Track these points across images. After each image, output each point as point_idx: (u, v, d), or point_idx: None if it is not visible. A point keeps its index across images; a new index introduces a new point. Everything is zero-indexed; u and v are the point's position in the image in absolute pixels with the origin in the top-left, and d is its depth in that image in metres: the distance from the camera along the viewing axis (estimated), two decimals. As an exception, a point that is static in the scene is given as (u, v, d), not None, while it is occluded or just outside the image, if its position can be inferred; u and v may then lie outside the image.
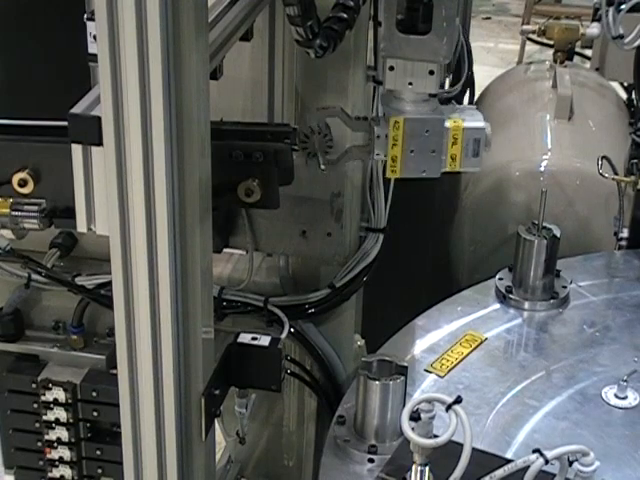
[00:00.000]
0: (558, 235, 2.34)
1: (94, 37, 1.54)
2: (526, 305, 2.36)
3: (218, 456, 2.33)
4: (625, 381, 2.06)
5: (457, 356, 2.15)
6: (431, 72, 1.78)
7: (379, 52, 1.80)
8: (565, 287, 2.40)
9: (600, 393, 2.07)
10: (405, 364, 1.93)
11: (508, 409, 2.02)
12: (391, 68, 1.78)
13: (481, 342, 2.20)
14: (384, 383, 1.89)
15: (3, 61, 2.54)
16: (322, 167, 1.97)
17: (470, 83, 3.42)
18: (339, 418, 2.01)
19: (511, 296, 2.37)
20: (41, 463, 2.24)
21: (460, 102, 3.40)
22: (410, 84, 1.80)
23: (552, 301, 2.36)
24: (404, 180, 1.93)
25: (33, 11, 2.53)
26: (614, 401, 2.05)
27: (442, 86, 2.78)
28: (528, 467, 1.49)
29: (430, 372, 2.10)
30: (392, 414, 1.92)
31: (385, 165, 1.91)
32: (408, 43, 1.75)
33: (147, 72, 1.50)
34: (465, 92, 3.40)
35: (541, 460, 1.49)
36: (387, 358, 1.94)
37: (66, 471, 2.23)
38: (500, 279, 2.40)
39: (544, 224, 2.34)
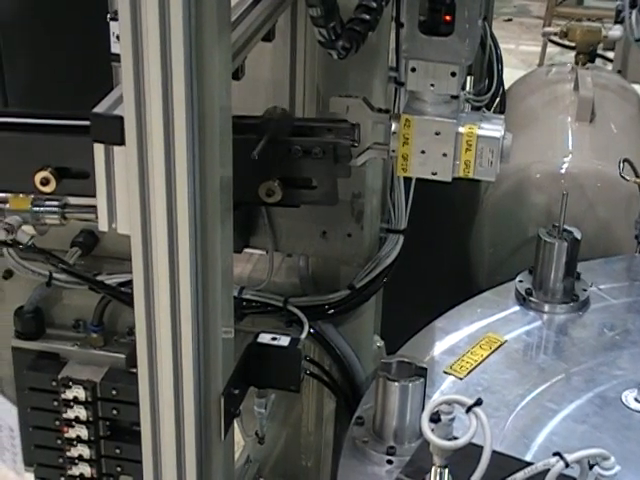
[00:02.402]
0: (579, 237, 2.33)
1: (117, 37, 1.54)
2: (546, 308, 2.35)
3: (237, 455, 2.33)
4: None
5: (477, 358, 2.15)
6: (453, 74, 1.77)
7: (401, 53, 1.80)
8: (585, 290, 2.38)
9: (620, 397, 2.06)
10: (424, 365, 1.93)
11: (527, 412, 2.00)
12: (413, 69, 1.78)
13: (501, 344, 2.19)
14: (403, 384, 1.88)
15: (27, 61, 2.55)
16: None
17: (500, 92, 3.41)
18: (358, 419, 2.01)
19: (531, 298, 2.35)
20: (61, 460, 2.25)
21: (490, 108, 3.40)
22: (432, 85, 1.79)
23: (572, 304, 2.35)
24: (424, 181, 1.92)
25: (56, 11, 2.54)
26: (634, 405, 2.03)
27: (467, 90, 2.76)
28: (548, 470, 1.49)
29: (449, 374, 2.09)
30: (411, 416, 1.91)
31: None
32: (430, 44, 1.75)
33: (169, 72, 1.50)
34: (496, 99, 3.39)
35: (561, 463, 1.48)
36: (406, 359, 1.94)
37: (85, 469, 2.23)
38: (520, 281, 2.39)
39: (565, 226, 2.32)
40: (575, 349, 2.24)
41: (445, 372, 2.09)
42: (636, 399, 2.04)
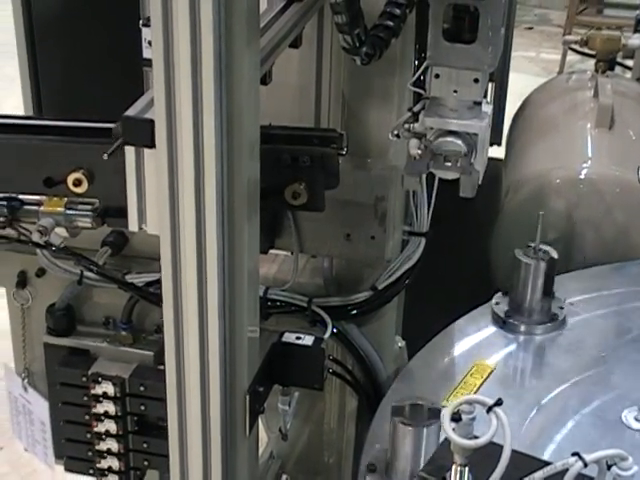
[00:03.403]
0: (555, 257, 2.25)
1: (149, 42, 1.55)
2: (523, 328, 2.28)
3: (261, 451, 2.33)
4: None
5: (471, 387, 2.08)
6: (476, 80, 1.76)
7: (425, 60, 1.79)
8: (562, 308, 2.31)
9: (620, 417, 1.99)
10: (438, 407, 1.78)
11: (526, 439, 1.93)
12: (437, 76, 1.77)
13: (491, 371, 2.12)
14: (418, 429, 1.76)
15: (61, 69, 2.56)
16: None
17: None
18: (370, 466, 1.87)
19: (510, 320, 2.28)
20: (90, 454, 2.25)
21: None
22: (455, 92, 1.78)
23: (551, 324, 2.28)
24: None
25: (89, 17, 2.55)
26: (635, 425, 1.97)
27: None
28: (567, 470, 1.48)
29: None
30: (425, 459, 1.78)
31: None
32: (454, 51, 1.74)
33: (199, 76, 1.51)
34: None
35: (580, 463, 1.47)
36: (420, 402, 1.80)
37: (114, 462, 2.24)
38: (497, 303, 2.32)
39: (541, 246, 2.26)
40: (560, 370, 2.17)
41: (443, 406, 1.98)
42: (636, 418, 1.99)
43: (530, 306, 2.28)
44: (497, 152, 3.10)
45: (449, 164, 1.81)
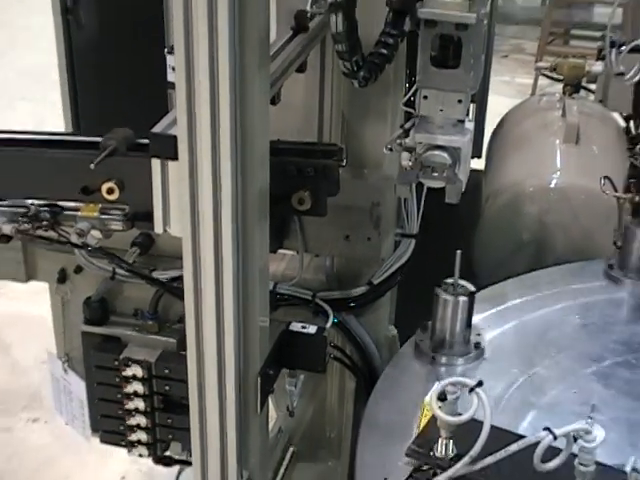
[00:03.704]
0: (474, 290, 2.06)
1: (172, 68, 1.54)
2: (444, 360, 2.06)
3: (270, 426, 2.32)
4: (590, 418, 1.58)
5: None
6: (459, 101, 1.76)
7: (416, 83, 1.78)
8: (479, 334, 2.12)
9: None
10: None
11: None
12: (425, 97, 1.76)
13: None
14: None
15: (97, 92, 2.56)
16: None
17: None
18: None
19: (433, 354, 2.07)
20: (121, 428, 2.25)
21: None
22: (441, 111, 1.77)
23: (472, 354, 2.07)
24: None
25: (121, 48, 2.55)
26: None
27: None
28: (539, 442, 1.47)
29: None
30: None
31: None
32: (440, 76, 1.73)
33: (217, 97, 1.51)
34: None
35: (550, 437, 1.46)
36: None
37: (142, 436, 2.23)
38: (421, 340, 2.11)
39: (459, 281, 2.05)
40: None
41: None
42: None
43: (451, 339, 2.07)
44: (478, 164, 3.09)
45: (436, 174, 1.80)
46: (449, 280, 2.05)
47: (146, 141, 1.69)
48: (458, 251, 1.98)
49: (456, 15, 1.64)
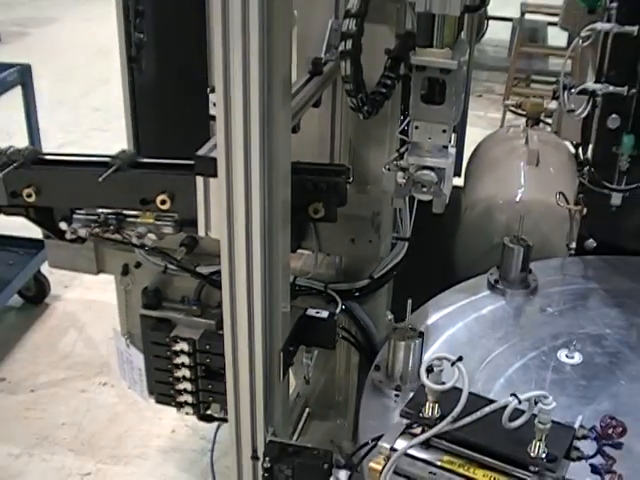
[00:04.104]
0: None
1: (214, 104, 1.53)
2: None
3: (290, 392, 2.31)
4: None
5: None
6: (444, 130, 1.73)
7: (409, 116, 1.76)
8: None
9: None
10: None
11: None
12: (416, 127, 1.74)
13: None
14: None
15: (155, 120, 2.56)
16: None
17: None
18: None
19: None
20: (172, 391, 2.23)
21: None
22: (429, 138, 1.75)
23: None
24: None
25: (173, 87, 2.54)
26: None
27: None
28: (507, 406, 1.44)
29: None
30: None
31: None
32: (428, 110, 1.71)
33: (249, 127, 1.50)
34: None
35: (516, 401, 1.44)
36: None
37: (188, 398, 2.21)
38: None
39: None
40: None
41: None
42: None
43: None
44: (458, 181, 3.07)
45: (425, 189, 1.78)
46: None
47: (192, 162, 1.68)
48: (409, 300, 1.95)
49: (441, 62, 1.64)
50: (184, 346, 2.12)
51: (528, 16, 6.83)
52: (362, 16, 1.78)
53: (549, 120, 3.56)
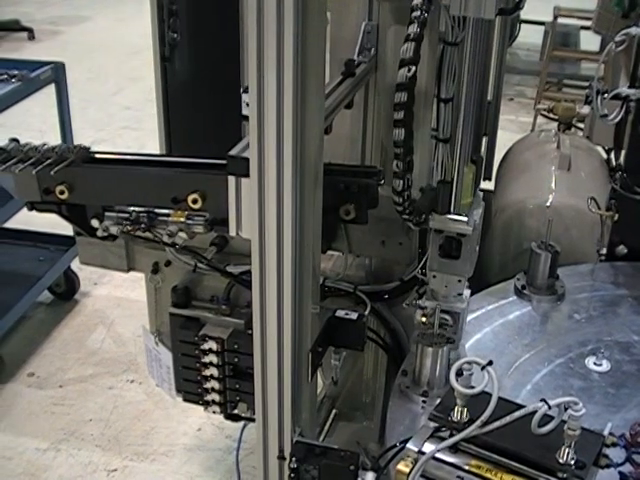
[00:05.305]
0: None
1: (247, 104, 1.54)
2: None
3: (318, 392, 2.31)
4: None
5: None
6: (459, 280, 1.87)
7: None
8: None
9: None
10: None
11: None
12: (434, 276, 1.88)
13: None
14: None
15: (186, 119, 2.57)
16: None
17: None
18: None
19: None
20: (199, 390, 2.24)
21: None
22: (446, 286, 1.88)
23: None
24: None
25: (206, 87, 2.55)
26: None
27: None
28: (536, 411, 1.43)
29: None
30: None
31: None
32: (445, 264, 1.84)
33: (282, 127, 1.50)
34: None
35: (545, 407, 1.43)
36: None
37: (215, 397, 2.22)
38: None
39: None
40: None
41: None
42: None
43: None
44: (489, 185, 3.05)
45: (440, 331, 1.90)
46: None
47: (224, 161, 1.68)
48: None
49: (457, 228, 1.78)
50: (212, 345, 2.13)
51: (561, 20, 6.79)
52: None
53: (581, 125, 3.54)
